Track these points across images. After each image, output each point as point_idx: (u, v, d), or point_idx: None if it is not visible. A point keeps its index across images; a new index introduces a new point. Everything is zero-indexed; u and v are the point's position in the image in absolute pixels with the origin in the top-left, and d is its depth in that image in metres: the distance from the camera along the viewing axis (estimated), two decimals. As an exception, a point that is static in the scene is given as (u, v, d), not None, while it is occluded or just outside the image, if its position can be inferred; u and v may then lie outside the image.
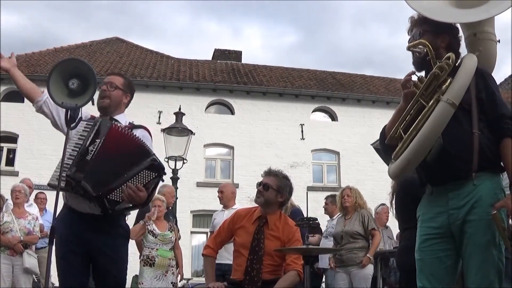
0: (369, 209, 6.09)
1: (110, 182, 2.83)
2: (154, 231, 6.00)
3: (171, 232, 6.16)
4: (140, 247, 6.09)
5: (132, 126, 3.09)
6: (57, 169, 2.77)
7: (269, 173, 3.84)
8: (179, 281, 6.47)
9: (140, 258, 6.02)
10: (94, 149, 2.80)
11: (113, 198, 2.85)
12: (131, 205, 2.94)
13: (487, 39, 2.60)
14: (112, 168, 2.85)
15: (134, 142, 2.91)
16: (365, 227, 5.70)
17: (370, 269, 5.69)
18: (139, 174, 2.87)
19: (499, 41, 2.64)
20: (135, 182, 2.85)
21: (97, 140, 2.82)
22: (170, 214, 6.63)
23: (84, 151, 2.80)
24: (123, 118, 3.12)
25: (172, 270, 6.04)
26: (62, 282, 2.90)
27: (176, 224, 6.55)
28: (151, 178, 2.92)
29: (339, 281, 5.73)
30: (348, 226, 5.74)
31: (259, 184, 3.76)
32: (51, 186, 2.80)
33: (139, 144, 2.91)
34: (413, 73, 2.43)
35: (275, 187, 3.71)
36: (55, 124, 3.07)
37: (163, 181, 3.07)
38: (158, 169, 2.95)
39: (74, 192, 2.83)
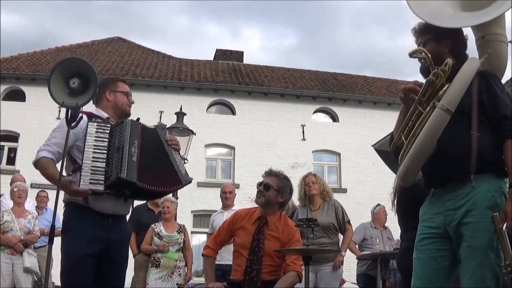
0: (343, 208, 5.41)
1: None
2: (160, 233, 5.97)
3: (179, 233, 6.13)
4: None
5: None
6: (89, 172, 2.74)
7: (270, 173, 3.84)
8: (186, 283, 6.35)
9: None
10: (137, 150, 2.83)
11: None
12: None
13: (496, 40, 2.59)
14: (159, 164, 2.96)
15: (159, 137, 3.04)
16: (339, 220, 5.11)
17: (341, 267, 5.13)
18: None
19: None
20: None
21: (135, 142, 2.86)
22: None
23: (129, 152, 2.79)
24: None
25: (179, 271, 6.00)
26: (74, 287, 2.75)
27: None
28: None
29: None
30: (321, 217, 4.96)
31: (259, 184, 3.76)
32: (95, 192, 2.73)
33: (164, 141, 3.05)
34: (412, 83, 2.50)
35: (275, 187, 3.71)
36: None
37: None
38: None
39: (116, 196, 2.83)
